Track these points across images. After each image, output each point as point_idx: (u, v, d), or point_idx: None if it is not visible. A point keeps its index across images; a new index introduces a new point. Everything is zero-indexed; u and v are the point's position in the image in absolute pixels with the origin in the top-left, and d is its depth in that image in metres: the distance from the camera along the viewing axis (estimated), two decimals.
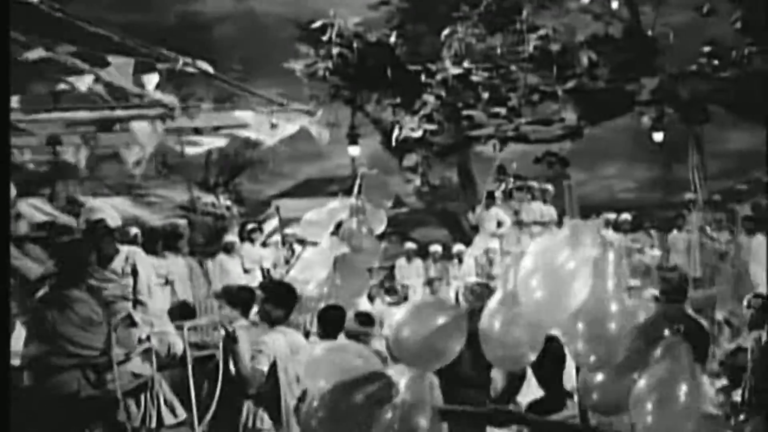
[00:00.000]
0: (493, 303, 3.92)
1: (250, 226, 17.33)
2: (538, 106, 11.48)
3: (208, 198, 17.07)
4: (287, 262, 12.27)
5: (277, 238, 15.09)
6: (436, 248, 17.18)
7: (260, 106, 10.43)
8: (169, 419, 6.85)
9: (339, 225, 9.33)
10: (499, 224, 17.38)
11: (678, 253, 18.20)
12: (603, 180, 34.66)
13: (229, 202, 17.39)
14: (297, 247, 12.47)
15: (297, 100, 11.35)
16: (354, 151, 28.12)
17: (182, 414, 6.76)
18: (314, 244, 9.94)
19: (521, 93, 11.43)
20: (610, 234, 18.82)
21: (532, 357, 3.70)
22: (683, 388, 3.12)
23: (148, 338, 6.49)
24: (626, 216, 18.61)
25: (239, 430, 7.84)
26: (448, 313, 3.97)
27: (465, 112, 11.35)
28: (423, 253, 17.17)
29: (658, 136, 32.26)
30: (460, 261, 16.88)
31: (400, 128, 10.98)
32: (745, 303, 10.16)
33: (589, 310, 3.20)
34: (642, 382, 3.11)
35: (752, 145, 12.09)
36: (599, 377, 3.39)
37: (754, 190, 18.76)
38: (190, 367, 6.39)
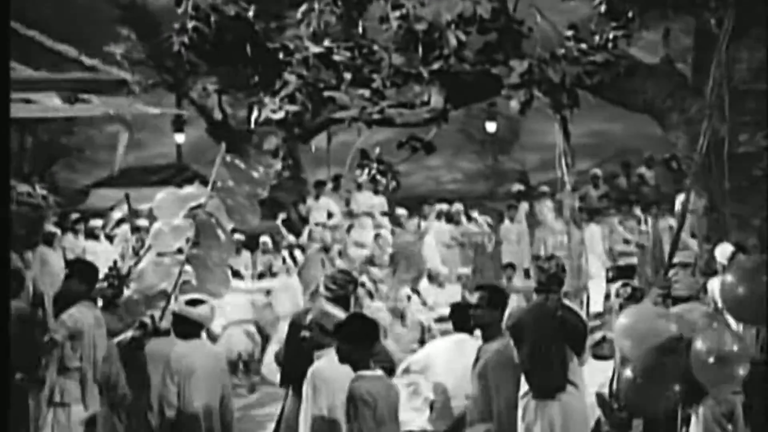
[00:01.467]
0: None
1: (73, 216, 16.80)
2: (402, 88, 11.29)
3: (24, 187, 16.51)
4: (136, 253, 11.84)
5: (125, 227, 14.63)
6: (266, 239, 17.53)
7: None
8: None
9: (193, 208, 9.20)
10: (330, 215, 17.33)
11: (510, 244, 18.51)
12: (429, 171, 35.07)
13: (45, 192, 16.83)
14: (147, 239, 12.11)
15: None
16: (179, 138, 27.63)
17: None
18: None
19: (385, 74, 11.23)
20: (442, 225, 19.01)
21: None
22: None
23: None
24: (459, 206, 18.83)
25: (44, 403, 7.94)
26: None
27: (327, 94, 11.06)
28: (252, 244, 17.84)
29: (491, 126, 32.75)
30: (291, 253, 17.41)
31: (260, 109, 10.60)
32: (613, 292, 10.30)
33: None
34: None
35: (573, 137, 12.27)
36: None
37: (582, 181, 19.35)
38: None
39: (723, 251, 11.35)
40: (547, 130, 39.43)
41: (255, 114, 10.64)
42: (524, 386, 9.19)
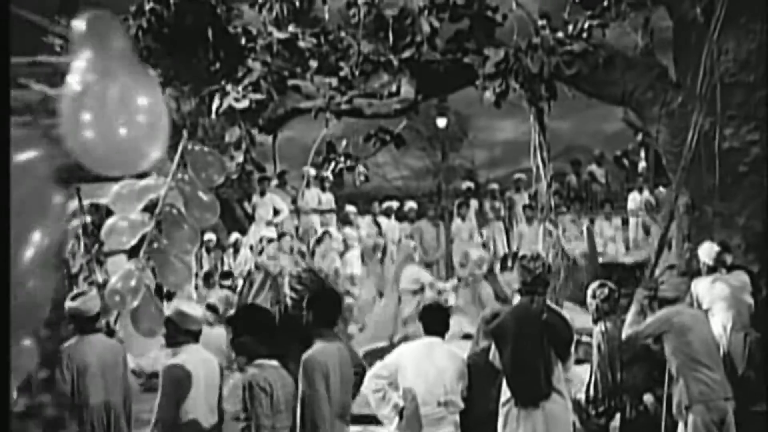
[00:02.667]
0: None
1: None
2: (372, 77, 10.86)
3: None
4: (88, 251, 11.34)
5: (76, 222, 14.01)
6: (210, 237, 17.47)
7: None
8: None
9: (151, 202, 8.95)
10: (276, 212, 17.45)
11: (463, 243, 18.69)
12: (376, 167, 34.77)
13: None
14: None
15: None
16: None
17: None
18: None
19: (353, 62, 10.79)
20: (392, 223, 18.71)
21: None
22: None
23: None
24: (412, 204, 18.53)
25: None
26: None
27: (291, 82, 10.60)
28: None
29: (441, 122, 32.51)
30: (236, 251, 17.48)
31: (222, 98, 10.10)
32: (589, 293, 10.04)
33: None
34: None
35: (519, 135, 12.03)
36: None
37: (532, 178, 19.07)
38: None
39: (708, 251, 11.08)
40: (496, 127, 39.41)
41: (216, 103, 10.11)
42: (506, 393, 8.85)
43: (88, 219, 14.21)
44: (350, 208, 19.48)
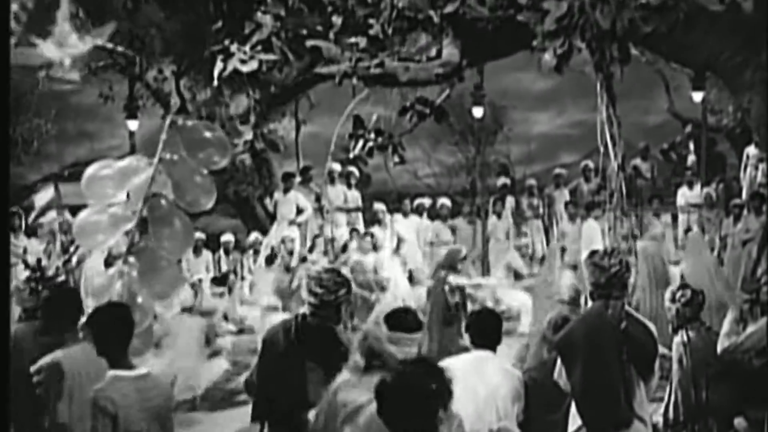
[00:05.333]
0: None
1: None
2: (408, 36, 9.56)
3: None
4: (65, 251, 10.20)
5: (52, 216, 13.04)
6: (228, 238, 17.71)
7: None
8: None
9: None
10: (300, 211, 17.15)
11: (499, 242, 18.97)
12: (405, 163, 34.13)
13: None
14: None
15: None
16: (133, 125, 26.29)
17: None
18: None
19: (386, 19, 9.48)
20: (424, 222, 18.12)
21: None
22: None
23: None
24: (445, 201, 18.67)
25: None
26: None
27: (310, 42, 9.28)
28: (212, 244, 17.62)
29: (478, 112, 31.55)
30: (256, 252, 17.14)
31: (225, 60, 8.79)
32: (667, 296, 9.01)
33: None
34: None
35: (554, 128, 10.69)
36: None
37: (573, 174, 19.39)
38: None
39: None
40: (530, 120, 38.62)
41: (219, 67, 8.77)
42: (575, 420, 7.57)
43: (70, 216, 13.37)
44: (379, 206, 18.76)
